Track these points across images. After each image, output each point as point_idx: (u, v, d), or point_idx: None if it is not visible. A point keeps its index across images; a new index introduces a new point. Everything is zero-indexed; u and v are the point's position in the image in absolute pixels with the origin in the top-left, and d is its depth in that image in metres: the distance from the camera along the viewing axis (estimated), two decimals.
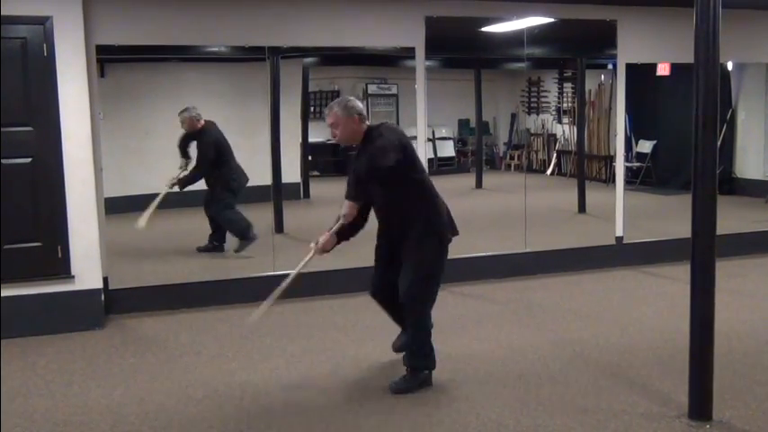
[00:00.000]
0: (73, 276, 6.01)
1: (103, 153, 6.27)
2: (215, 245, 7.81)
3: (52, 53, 5.82)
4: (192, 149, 7.58)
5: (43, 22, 5.78)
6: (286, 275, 4.89)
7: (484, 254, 7.65)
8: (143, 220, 6.66)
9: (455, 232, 4.86)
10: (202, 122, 7.56)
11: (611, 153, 8.70)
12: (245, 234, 7.62)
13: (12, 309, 5.85)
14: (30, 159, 5.86)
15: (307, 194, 9.17)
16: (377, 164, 4.38)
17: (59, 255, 5.96)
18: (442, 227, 4.72)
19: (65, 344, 5.71)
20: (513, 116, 11.60)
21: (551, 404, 4.42)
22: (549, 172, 11.41)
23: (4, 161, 5.79)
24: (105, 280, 6.27)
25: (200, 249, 7.77)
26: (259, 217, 7.57)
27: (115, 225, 6.53)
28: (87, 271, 6.06)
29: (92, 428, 4.21)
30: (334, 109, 4.57)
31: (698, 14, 3.97)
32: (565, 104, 11.08)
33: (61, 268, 5.98)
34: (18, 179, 5.83)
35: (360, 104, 4.63)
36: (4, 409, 4.52)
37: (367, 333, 5.85)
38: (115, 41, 6.26)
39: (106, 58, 6.49)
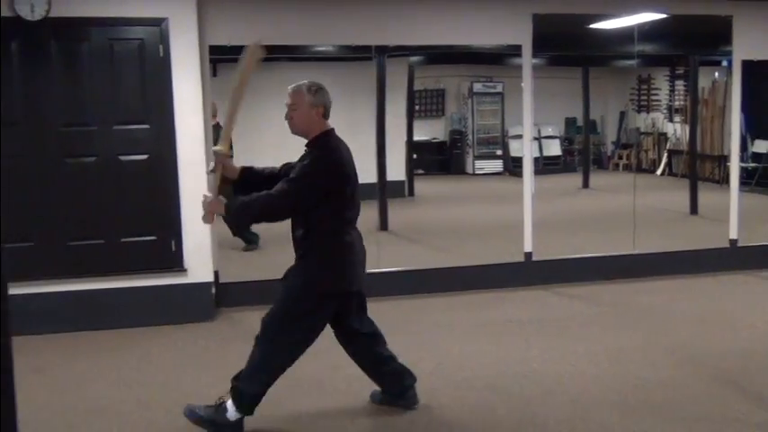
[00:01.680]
0: (185, 270, 6.20)
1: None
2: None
3: (168, 54, 6.03)
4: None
5: (159, 23, 5.99)
6: (392, 273, 4.87)
7: (590, 255, 7.52)
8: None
9: (351, 286, 4.19)
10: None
11: (725, 153, 8.43)
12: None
13: (128, 300, 6.09)
14: (146, 156, 6.08)
15: (411, 192, 9.21)
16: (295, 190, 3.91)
17: (173, 249, 6.16)
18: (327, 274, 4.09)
19: (177, 335, 5.90)
20: (622, 114, 11.35)
21: (661, 410, 4.31)
22: (659, 172, 11.11)
23: (122, 158, 6.03)
24: (216, 274, 6.45)
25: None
26: (364, 214, 7.63)
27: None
28: (199, 265, 6.25)
29: None
30: (302, 89, 4.06)
31: None
32: (676, 102, 10.77)
33: (175, 262, 6.19)
34: (135, 175, 6.06)
35: (329, 98, 4.14)
36: (120, 395, 4.71)
37: (470, 332, 5.84)
38: (227, 41, 6.42)
39: (219, 58, 6.67)
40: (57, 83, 5.89)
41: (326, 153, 4.05)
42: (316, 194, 3.95)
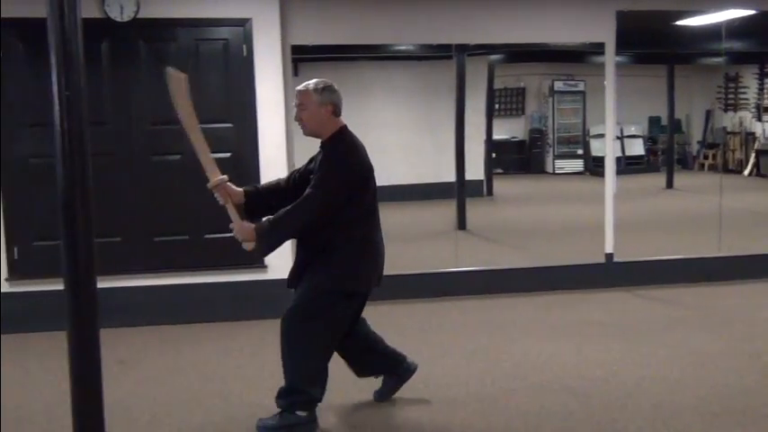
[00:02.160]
0: (266, 266, 6.30)
1: (295, 149, 6.53)
2: None
3: (251, 53, 6.13)
4: None
5: (243, 23, 6.10)
6: (470, 272, 4.85)
7: (674, 257, 7.36)
8: None
9: (370, 285, 4.21)
10: None
11: None
12: None
13: (209, 295, 6.22)
14: (229, 154, 6.18)
15: (490, 192, 9.16)
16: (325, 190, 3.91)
17: None
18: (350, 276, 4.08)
19: (258, 330, 6.00)
20: (708, 113, 11.07)
21: (744, 417, 4.20)
22: (746, 172, 10.80)
23: None
24: None
25: None
26: (443, 213, 7.64)
27: None
28: (280, 261, 6.31)
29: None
30: (308, 88, 4.00)
31: None
32: (765, 101, 10.45)
33: (256, 258, 6.27)
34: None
35: (339, 95, 4.09)
36: (202, 388, 4.82)
37: (549, 333, 5.78)
38: (309, 41, 6.51)
39: (300, 58, 6.75)
40: (144, 82, 6.05)
41: (345, 151, 4.03)
42: (342, 194, 3.94)
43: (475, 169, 8.59)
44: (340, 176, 3.95)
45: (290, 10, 6.39)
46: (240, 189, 4.27)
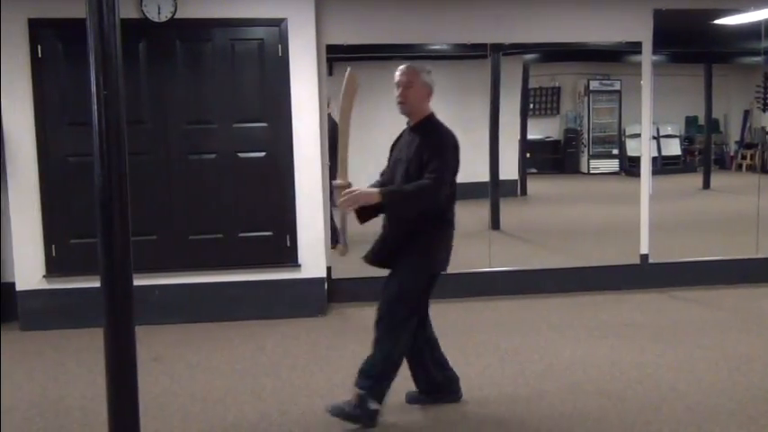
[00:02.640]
0: (299, 265, 6.33)
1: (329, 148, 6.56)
2: None
3: (286, 53, 6.17)
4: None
5: (279, 23, 6.13)
6: (504, 272, 4.83)
7: (710, 258, 7.28)
8: None
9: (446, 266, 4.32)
10: None
11: None
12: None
13: (243, 293, 6.27)
14: (264, 154, 6.24)
15: (524, 192, 9.08)
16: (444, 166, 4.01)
17: (288, 244, 6.30)
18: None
19: (290, 328, 6.03)
20: (746, 113, 10.91)
21: None
22: None
23: (241, 155, 6.20)
24: (329, 269, 6.55)
25: None
26: (476, 213, 7.62)
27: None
28: (313, 260, 6.37)
29: (314, 411, 4.41)
30: (417, 68, 4.13)
31: None
32: None
33: (289, 257, 6.32)
34: (253, 172, 6.23)
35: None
36: (235, 385, 4.86)
37: (582, 334, 5.74)
38: (344, 41, 6.53)
39: (334, 57, 6.77)
40: (181, 82, 6.11)
41: (446, 132, 4.16)
42: (453, 171, 4.11)
43: (509, 169, 8.52)
44: (450, 153, 4.10)
45: (325, 10, 6.42)
46: (360, 190, 4.21)
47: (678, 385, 4.68)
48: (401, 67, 4.17)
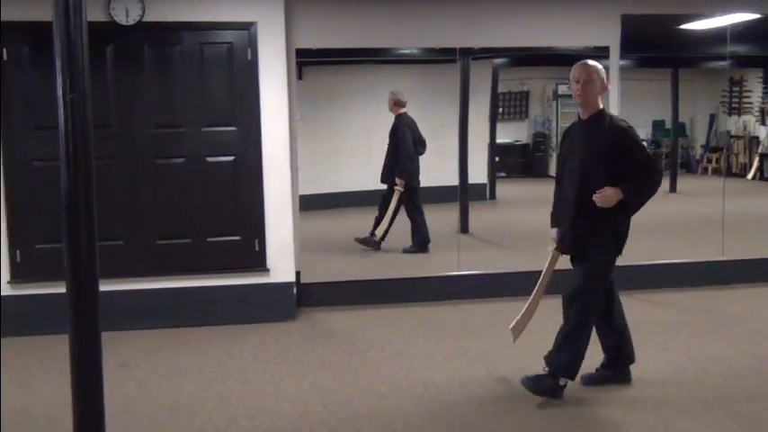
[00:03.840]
0: (268, 269, 6.30)
1: (299, 153, 6.54)
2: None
3: (255, 57, 6.14)
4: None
5: (248, 27, 6.11)
6: (473, 275, 4.88)
7: (677, 261, 7.36)
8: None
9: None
10: (401, 110, 7.72)
11: None
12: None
13: (211, 298, 6.23)
14: (232, 158, 6.20)
15: (493, 196, 9.14)
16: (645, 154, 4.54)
17: (257, 248, 6.27)
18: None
19: (259, 333, 6.00)
20: (712, 117, 11.05)
21: (747, 422, 4.20)
22: (750, 176, 10.77)
23: (209, 159, 6.16)
24: (298, 274, 6.53)
25: (406, 250, 7.90)
26: (445, 217, 7.64)
27: (308, 222, 6.79)
28: (281, 265, 6.34)
29: (282, 415, 4.41)
30: (596, 66, 4.52)
31: None
32: None
33: (258, 261, 6.29)
34: (222, 176, 6.20)
35: None
36: (203, 391, 4.82)
37: (551, 336, 5.76)
38: (314, 45, 6.52)
39: (304, 61, 6.76)
40: (149, 86, 6.06)
41: (626, 124, 4.55)
42: None
43: (478, 173, 8.57)
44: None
45: (295, 13, 6.40)
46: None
47: (645, 387, 4.72)
48: (580, 63, 4.55)
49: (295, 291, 6.47)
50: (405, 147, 7.69)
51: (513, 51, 7.82)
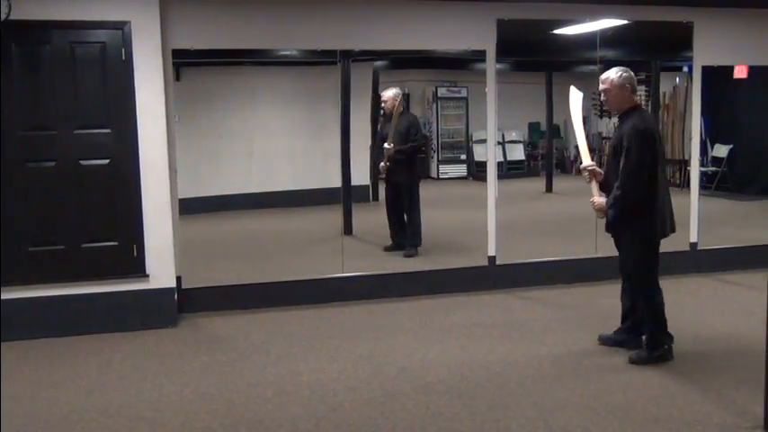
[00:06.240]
0: (147, 275, 6.15)
1: (178, 155, 6.41)
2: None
3: (130, 57, 5.98)
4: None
5: (122, 27, 5.94)
6: (356, 277, 4.88)
7: (553, 258, 7.58)
8: None
9: (668, 231, 5.27)
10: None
11: (686, 157, 8.53)
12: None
13: (88, 306, 6.03)
14: (107, 161, 6.02)
15: (375, 197, 9.20)
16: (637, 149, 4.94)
17: (135, 254, 6.11)
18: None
19: (139, 341, 5.85)
20: (584, 120, 11.43)
21: (623, 413, 4.36)
22: None
23: (83, 162, 5.96)
24: (178, 279, 6.40)
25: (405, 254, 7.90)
26: (328, 219, 7.64)
27: (188, 225, 6.65)
28: (161, 270, 6.20)
29: (164, 424, 4.31)
30: (603, 78, 5.18)
31: None
32: None
33: (136, 267, 6.13)
34: (96, 180, 6.01)
35: (633, 76, 5.21)
36: (81, 402, 4.66)
37: (434, 336, 5.85)
38: (191, 45, 6.39)
39: (182, 62, 6.63)
40: (17, 86, 5.81)
41: (647, 121, 5.14)
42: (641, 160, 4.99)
43: (361, 175, 8.61)
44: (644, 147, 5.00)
45: (171, 13, 6.26)
46: (601, 170, 5.30)
47: (525, 381, 4.85)
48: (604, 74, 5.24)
49: (176, 296, 6.33)
50: None
51: (393, 54, 7.88)
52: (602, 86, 5.18)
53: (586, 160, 5.37)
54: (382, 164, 7.85)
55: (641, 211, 5.02)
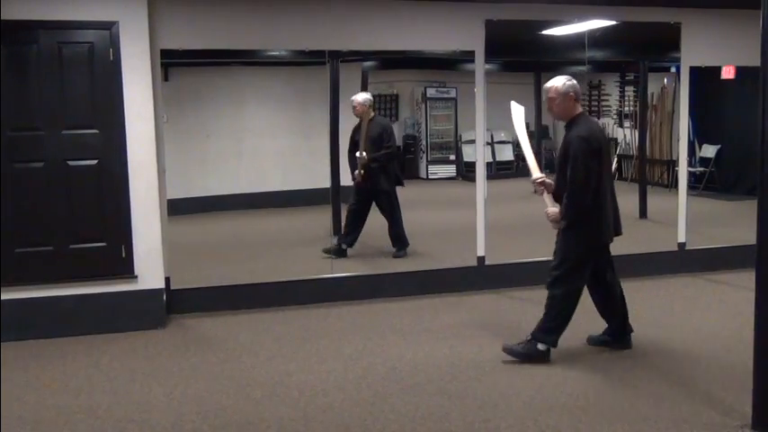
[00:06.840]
0: (136, 276, 6.13)
1: (166, 155, 6.39)
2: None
3: (118, 57, 5.96)
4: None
5: (110, 27, 5.92)
6: (345, 278, 4.87)
7: (543, 258, 7.54)
8: None
9: (612, 236, 5.35)
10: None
11: (674, 157, 8.57)
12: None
13: (77, 307, 6.00)
14: (95, 161, 6.00)
15: None
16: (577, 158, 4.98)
17: (123, 255, 6.09)
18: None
19: (127, 342, 5.82)
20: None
21: (611, 412, 4.37)
22: None
23: (71, 163, 5.94)
24: (167, 280, 6.38)
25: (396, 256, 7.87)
26: (317, 220, 7.63)
27: (177, 226, 6.63)
28: (150, 271, 6.18)
29: (153, 426, 4.29)
30: (547, 87, 5.18)
31: (764, 17, 3.89)
32: (626, 108, 10.91)
33: (125, 268, 6.11)
34: (84, 181, 5.98)
35: (577, 84, 5.17)
36: (69, 404, 4.64)
37: (423, 336, 5.85)
38: (179, 46, 6.37)
39: (170, 62, 6.61)
40: (4, 86, 5.78)
41: (587, 129, 5.12)
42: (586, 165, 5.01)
43: (349, 175, 8.60)
44: (582, 154, 5.00)
45: (160, 14, 6.24)
46: (551, 182, 5.30)
47: (515, 381, 4.85)
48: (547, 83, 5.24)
49: (165, 297, 6.31)
50: None
51: (382, 54, 7.88)
52: (546, 95, 5.21)
53: (536, 173, 5.35)
54: (357, 172, 7.74)
55: (587, 217, 5.09)
